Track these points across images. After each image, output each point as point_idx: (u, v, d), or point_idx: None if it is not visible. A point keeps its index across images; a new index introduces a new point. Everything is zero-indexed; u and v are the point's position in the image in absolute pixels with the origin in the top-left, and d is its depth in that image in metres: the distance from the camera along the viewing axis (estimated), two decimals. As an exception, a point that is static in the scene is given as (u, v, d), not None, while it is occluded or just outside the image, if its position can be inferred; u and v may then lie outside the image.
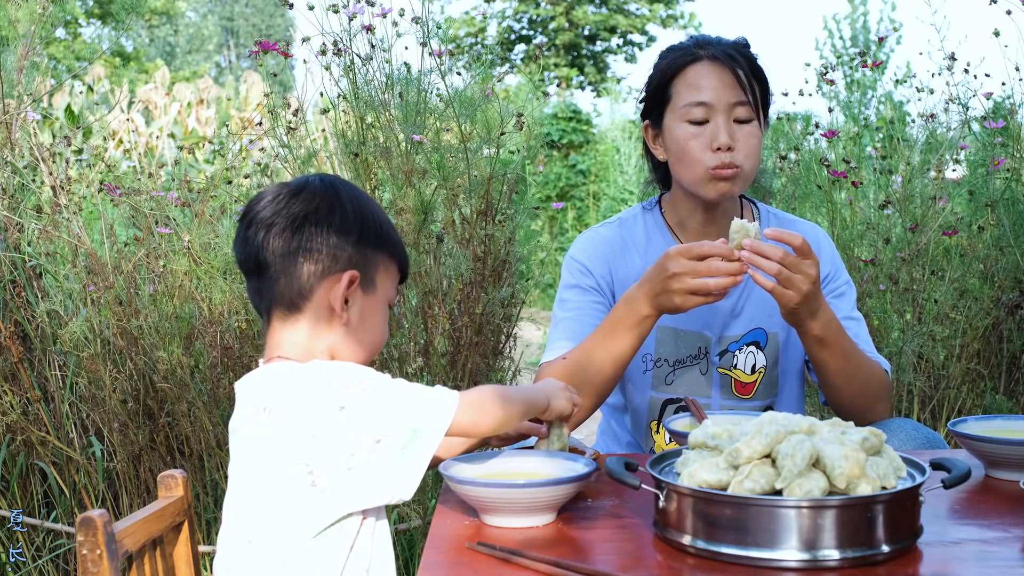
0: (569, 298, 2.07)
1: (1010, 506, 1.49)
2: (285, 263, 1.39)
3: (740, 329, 2.07)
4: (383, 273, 1.46)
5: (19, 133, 3.17)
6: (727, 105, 1.95)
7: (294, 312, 1.41)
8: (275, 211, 1.40)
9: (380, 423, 1.29)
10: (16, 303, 3.07)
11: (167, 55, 34.35)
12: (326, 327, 1.41)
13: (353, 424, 1.28)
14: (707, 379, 2.08)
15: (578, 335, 1.96)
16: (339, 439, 1.28)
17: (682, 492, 1.28)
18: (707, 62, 1.96)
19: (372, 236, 1.43)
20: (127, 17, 3.25)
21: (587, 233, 2.15)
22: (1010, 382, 3.37)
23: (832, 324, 1.83)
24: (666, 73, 2.01)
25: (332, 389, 1.30)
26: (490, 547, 1.30)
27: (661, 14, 24.09)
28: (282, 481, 1.31)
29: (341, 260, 1.40)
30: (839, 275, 2.10)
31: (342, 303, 1.40)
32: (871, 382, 1.93)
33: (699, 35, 2.06)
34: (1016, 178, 3.29)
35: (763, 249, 1.71)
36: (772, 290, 1.74)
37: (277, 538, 1.32)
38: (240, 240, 1.43)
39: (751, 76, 1.98)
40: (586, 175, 11.08)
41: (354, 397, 1.30)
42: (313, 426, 1.29)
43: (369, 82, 2.93)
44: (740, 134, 1.95)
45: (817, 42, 14.32)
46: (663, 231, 2.11)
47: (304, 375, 1.35)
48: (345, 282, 1.40)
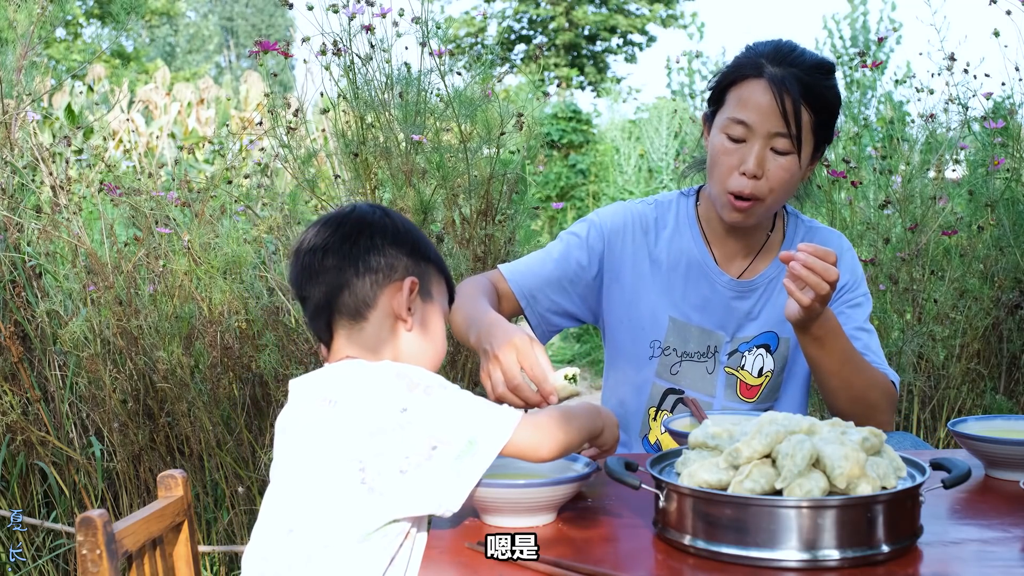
0: (565, 240, 2.11)
1: (1010, 506, 1.49)
2: (345, 276, 1.42)
3: (753, 331, 2.07)
4: (436, 285, 1.50)
5: (19, 133, 3.17)
6: (767, 132, 1.89)
7: (359, 321, 1.43)
8: (328, 233, 1.44)
9: (439, 430, 1.29)
10: (16, 303, 3.07)
11: (167, 55, 34.34)
12: (391, 334, 1.43)
13: (413, 427, 1.29)
14: (713, 378, 2.07)
15: (536, 275, 2.06)
16: (396, 440, 1.29)
17: (682, 492, 1.28)
18: (763, 82, 1.89)
19: (423, 249, 1.47)
20: (127, 17, 3.25)
21: (623, 203, 2.15)
22: (1010, 382, 3.37)
23: (828, 324, 1.82)
24: (727, 77, 1.96)
25: (398, 389, 1.32)
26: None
27: (661, 14, 24.08)
28: (334, 475, 1.31)
29: (399, 269, 1.43)
30: (858, 286, 2.08)
31: (406, 308, 1.43)
32: (870, 390, 1.92)
33: (783, 44, 1.95)
34: (1016, 178, 3.28)
35: (815, 266, 1.70)
36: (792, 293, 1.74)
37: (319, 531, 1.31)
38: (296, 268, 1.46)
39: (809, 107, 1.89)
40: (586, 175, 11.08)
41: (418, 400, 1.30)
42: (373, 423, 1.30)
43: (369, 82, 2.93)
44: (773, 164, 1.90)
45: (817, 42, 14.30)
46: (692, 222, 2.10)
47: (373, 372, 1.36)
48: (407, 288, 1.43)
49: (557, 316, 2.10)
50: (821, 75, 1.92)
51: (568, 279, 2.08)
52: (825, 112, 1.93)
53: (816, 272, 1.71)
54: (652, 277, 2.08)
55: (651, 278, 2.08)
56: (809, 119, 1.91)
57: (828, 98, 1.93)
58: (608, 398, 2.20)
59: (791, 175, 1.92)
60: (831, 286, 1.72)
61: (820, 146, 1.97)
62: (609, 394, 2.19)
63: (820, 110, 1.91)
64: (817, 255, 1.71)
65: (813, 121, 1.91)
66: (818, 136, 1.94)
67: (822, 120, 1.93)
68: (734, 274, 2.07)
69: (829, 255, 1.71)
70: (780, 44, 1.95)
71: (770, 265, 2.08)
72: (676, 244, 2.08)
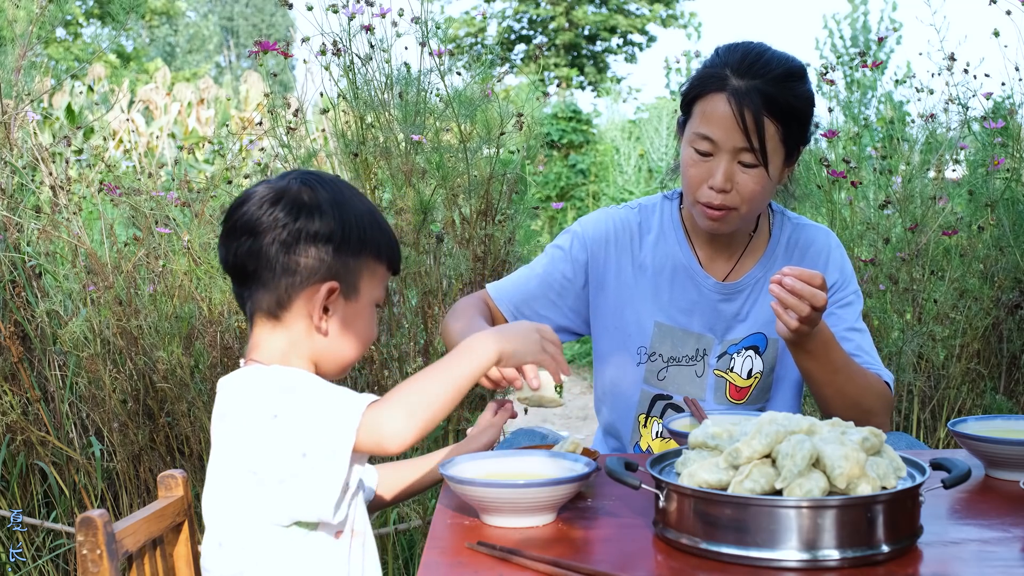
0: (549, 254, 2.11)
1: (1010, 506, 1.49)
2: (265, 273, 1.40)
3: (742, 332, 2.06)
4: (368, 277, 1.45)
5: (19, 133, 3.17)
6: (732, 148, 1.86)
7: (273, 320, 1.42)
8: (256, 218, 1.39)
9: (306, 437, 1.28)
10: (16, 303, 3.07)
11: (167, 55, 34.35)
12: (305, 336, 1.42)
13: (283, 434, 1.29)
14: (702, 381, 2.07)
15: (522, 291, 2.07)
16: (273, 449, 1.29)
17: (682, 492, 1.28)
18: (725, 97, 1.85)
19: (354, 243, 1.42)
20: (126, 17, 3.25)
21: (603, 211, 2.13)
22: (1010, 382, 3.36)
23: (820, 337, 1.80)
24: (691, 91, 1.93)
25: (271, 394, 1.31)
26: (490, 547, 1.30)
27: (661, 14, 24.09)
28: (236, 484, 1.34)
29: (320, 271, 1.40)
30: (847, 285, 2.06)
31: (320, 313, 1.41)
32: (865, 396, 1.90)
33: (750, 50, 1.90)
34: (1016, 178, 3.28)
35: (800, 291, 1.68)
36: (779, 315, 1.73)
37: (241, 539, 1.35)
38: (223, 244, 1.44)
39: (774, 118, 1.85)
40: (586, 175, 11.08)
41: (287, 406, 1.30)
42: (253, 435, 1.31)
43: (369, 82, 2.93)
44: (741, 178, 1.88)
45: (817, 42, 14.32)
46: (676, 226, 2.09)
47: (254, 382, 1.36)
48: (323, 294, 1.40)
49: None
50: (789, 83, 1.88)
51: (555, 292, 2.08)
52: (793, 120, 1.88)
53: (804, 297, 1.69)
54: (637, 283, 2.07)
55: (636, 284, 2.07)
56: (776, 131, 1.87)
57: (796, 106, 1.88)
58: (598, 407, 2.20)
59: (761, 186, 1.89)
60: (818, 310, 1.70)
61: (794, 151, 1.94)
62: (599, 403, 2.19)
63: (787, 120, 1.87)
64: (802, 279, 1.69)
65: (780, 132, 1.87)
66: (788, 144, 1.90)
67: (790, 129, 1.88)
68: (719, 276, 2.06)
69: (815, 278, 1.69)
70: (747, 51, 1.90)
71: (756, 266, 2.06)
72: (661, 248, 2.07)
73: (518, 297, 2.08)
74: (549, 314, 2.08)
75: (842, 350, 1.86)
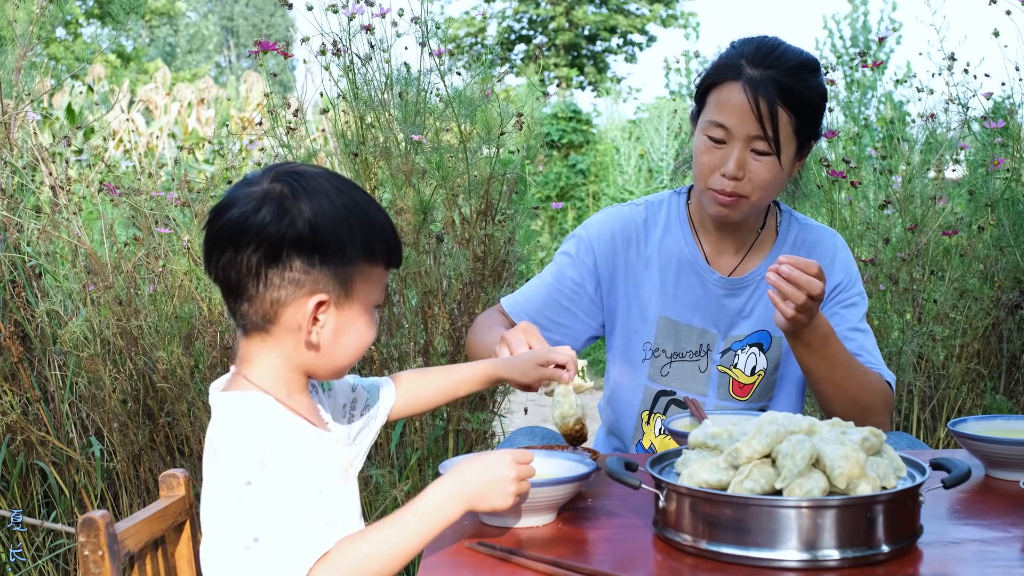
0: (558, 262, 2.12)
1: (1010, 506, 1.49)
2: (249, 288, 1.32)
3: (747, 329, 2.07)
4: (361, 283, 1.35)
5: (19, 133, 3.17)
6: (746, 135, 1.89)
7: (262, 333, 1.35)
8: (238, 230, 1.30)
9: (261, 527, 1.24)
10: (16, 303, 3.07)
11: (167, 55, 34.35)
12: (295, 349, 1.35)
13: (246, 510, 1.25)
14: (705, 377, 2.07)
15: (534, 302, 2.09)
16: (237, 517, 1.25)
17: (682, 492, 1.28)
18: (740, 85, 1.88)
19: (343, 249, 1.32)
20: (126, 17, 3.25)
21: (609, 210, 2.14)
22: (1010, 382, 3.37)
23: (819, 331, 1.81)
24: (708, 78, 1.96)
25: (246, 457, 1.26)
26: (490, 547, 1.30)
27: (661, 14, 24.08)
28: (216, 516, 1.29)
29: (307, 284, 1.31)
30: (853, 285, 2.07)
31: (310, 325, 1.33)
32: (864, 393, 1.91)
33: (764, 43, 1.94)
34: (1016, 178, 3.29)
35: (796, 279, 1.70)
36: (776, 304, 1.75)
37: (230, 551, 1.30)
38: (206, 254, 1.36)
39: (788, 108, 1.88)
40: (586, 175, 11.07)
41: (257, 483, 1.25)
42: (229, 488, 1.26)
43: (369, 82, 2.93)
44: (754, 165, 1.91)
45: (817, 42, 14.31)
46: (683, 220, 2.10)
47: (237, 420, 1.31)
48: (311, 307, 1.32)
49: (568, 339, 2.09)
50: (803, 74, 1.91)
51: (567, 298, 2.09)
52: (806, 111, 1.91)
53: (799, 285, 1.70)
54: (644, 278, 2.08)
55: (643, 280, 2.08)
56: (789, 120, 1.90)
57: (809, 97, 1.91)
58: (604, 405, 2.20)
59: (773, 175, 1.92)
60: (815, 299, 1.71)
61: (805, 144, 1.97)
62: (605, 401, 2.20)
63: (800, 110, 1.90)
64: (798, 267, 1.70)
65: (793, 122, 1.90)
66: (800, 136, 1.93)
67: (803, 120, 1.91)
68: (725, 272, 2.07)
69: (810, 267, 1.70)
70: (762, 43, 1.94)
71: (761, 263, 2.07)
72: (667, 243, 2.08)
73: (531, 308, 2.09)
74: (565, 321, 2.09)
75: (842, 346, 1.87)
